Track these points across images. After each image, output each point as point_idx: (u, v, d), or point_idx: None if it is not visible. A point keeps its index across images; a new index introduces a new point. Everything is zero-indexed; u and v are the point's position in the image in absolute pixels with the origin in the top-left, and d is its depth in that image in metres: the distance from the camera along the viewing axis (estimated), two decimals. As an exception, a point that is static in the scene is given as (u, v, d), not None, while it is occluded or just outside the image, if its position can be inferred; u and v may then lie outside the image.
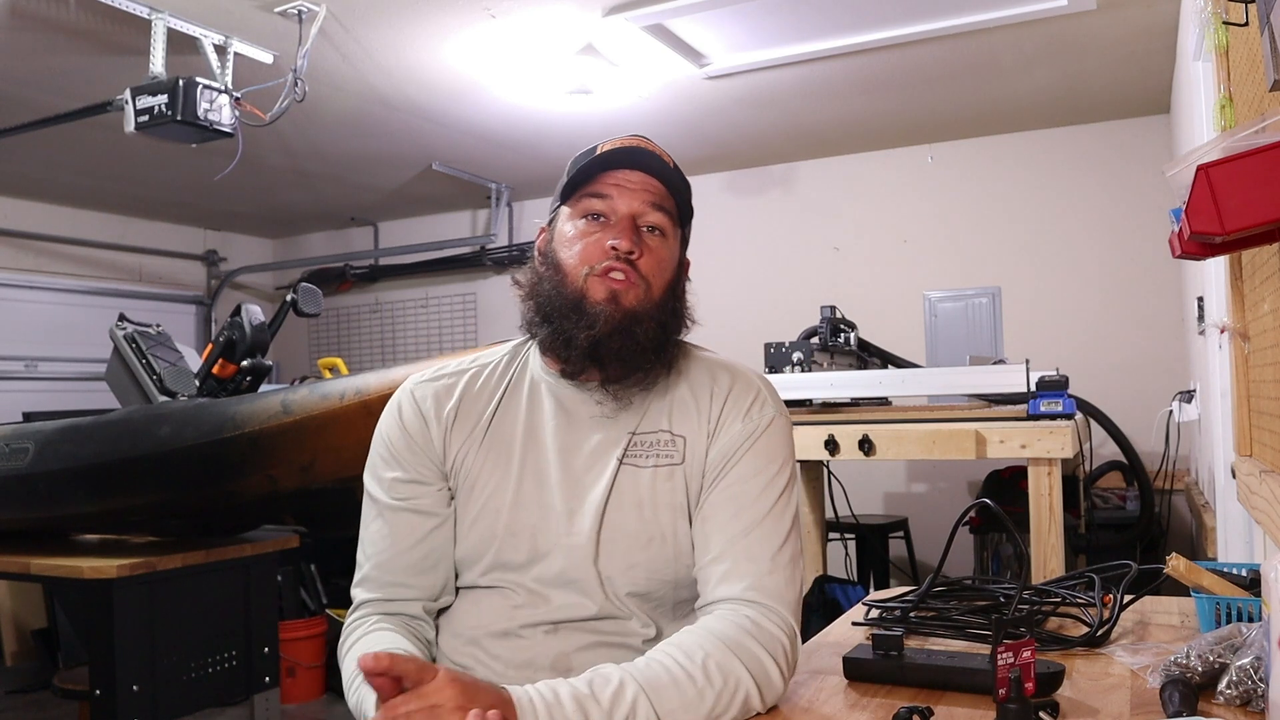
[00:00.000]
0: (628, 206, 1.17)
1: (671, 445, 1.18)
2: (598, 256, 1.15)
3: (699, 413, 1.19)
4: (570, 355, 1.16)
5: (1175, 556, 1.23)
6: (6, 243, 5.45)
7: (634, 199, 1.17)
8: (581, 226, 1.18)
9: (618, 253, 1.14)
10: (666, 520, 1.15)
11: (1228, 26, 1.63)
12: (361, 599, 1.20)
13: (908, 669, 1.09)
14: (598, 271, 1.15)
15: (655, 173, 1.19)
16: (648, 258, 1.17)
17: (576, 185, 1.19)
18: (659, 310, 1.17)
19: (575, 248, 1.17)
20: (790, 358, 3.39)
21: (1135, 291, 4.55)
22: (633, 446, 1.17)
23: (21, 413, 4.86)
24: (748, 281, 5.38)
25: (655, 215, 1.18)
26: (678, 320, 1.22)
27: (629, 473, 1.16)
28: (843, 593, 3.61)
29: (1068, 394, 2.87)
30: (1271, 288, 1.45)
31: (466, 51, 3.53)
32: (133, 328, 2.85)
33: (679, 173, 1.21)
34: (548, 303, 1.18)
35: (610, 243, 1.15)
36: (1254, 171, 0.97)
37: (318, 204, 6.00)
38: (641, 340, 1.15)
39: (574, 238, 1.18)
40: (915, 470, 4.98)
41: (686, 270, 1.28)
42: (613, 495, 1.15)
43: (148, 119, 3.09)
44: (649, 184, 1.18)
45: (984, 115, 4.55)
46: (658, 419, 1.19)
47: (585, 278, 1.15)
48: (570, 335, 1.15)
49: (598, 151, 1.19)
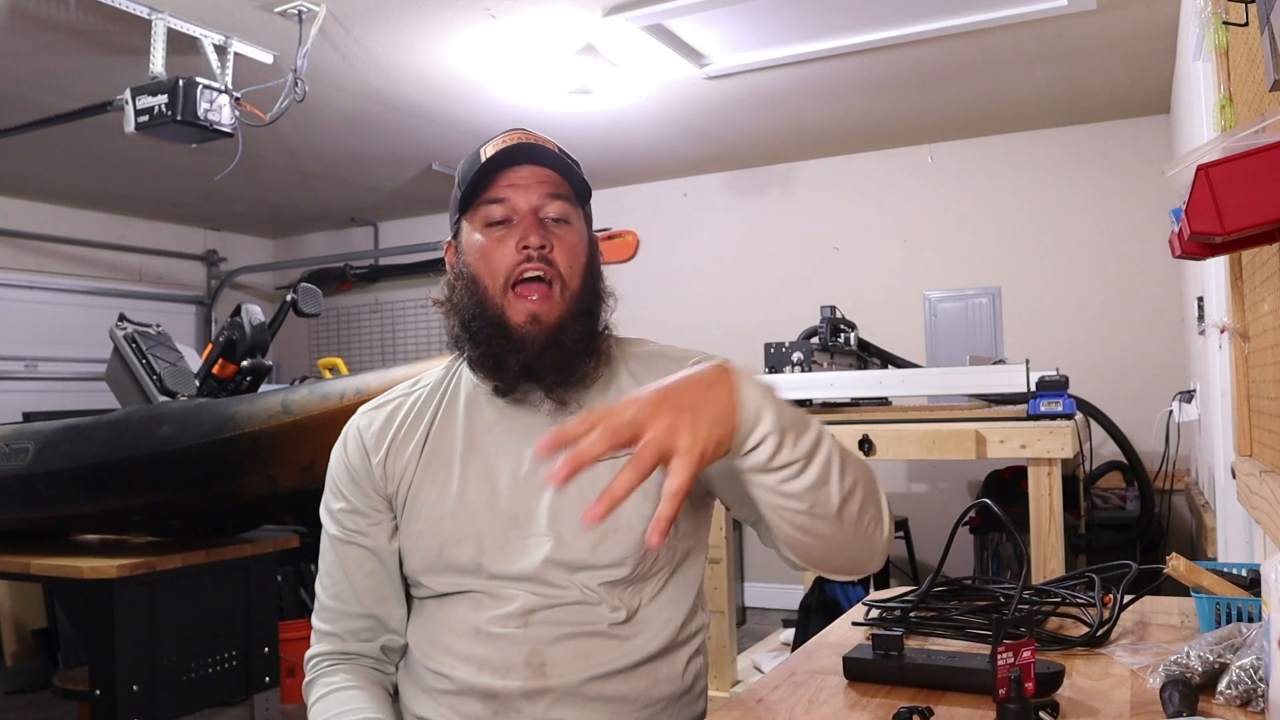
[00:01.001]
0: (527, 203, 1.15)
1: None
2: (511, 261, 1.13)
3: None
4: (504, 376, 1.16)
5: (1175, 556, 1.23)
6: (6, 243, 5.45)
7: (530, 194, 1.16)
8: (487, 235, 1.16)
9: (530, 251, 1.13)
10: (629, 506, 1.08)
11: (1228, 26, 1.63)
12: (319, 643, 1.23)
13: (908, 669, 1.09)
14: (514, 281, 1.13)
15: (544, 162, 1.17)
16: (560, 249, 1.15)
17: (470, 195, 1.17)
18: (581, 300, 1.16)
19: (487, 259, 1.15)
20: (790, 358, 3.39)
21: (1135, 291, 4.55)
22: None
23: (21, 413, 4.85)
24: (748, 281, 5.38)
25: (555, 205, 1.16)
26: (600, 301, 1.20)
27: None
28: (842, 593, 3.61)
29: (1068, 394, 2.87)
30: (1271, 288, 1.45)
31: (466, 51, 3.53)
32: (133, 328, 2.85)
33: (566, 154, 1.20)
34: (472, 321, 1.16)
35: (522, 244, 1.13)
36: (1254, 171, 0.97)
37: (318, 204, 6.00)
38: (571, 345, 1.14)
39: (482, 248, 1.16)
40: (915, 470, 4.98)
41: (597, 247, 1.25)
42: (565, 492, 1.12)
43: (148, 119, 3.09)
44: (541, 175, 1.17)
45: (984, 115, 4.55)
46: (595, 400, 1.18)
47: (504, 293, 1.14)
48: (499, 359, 1.14)
49: (482, 157, 1.17)
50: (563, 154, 1.20)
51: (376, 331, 6.63)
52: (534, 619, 1.13)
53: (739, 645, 3.53)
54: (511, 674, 1.13)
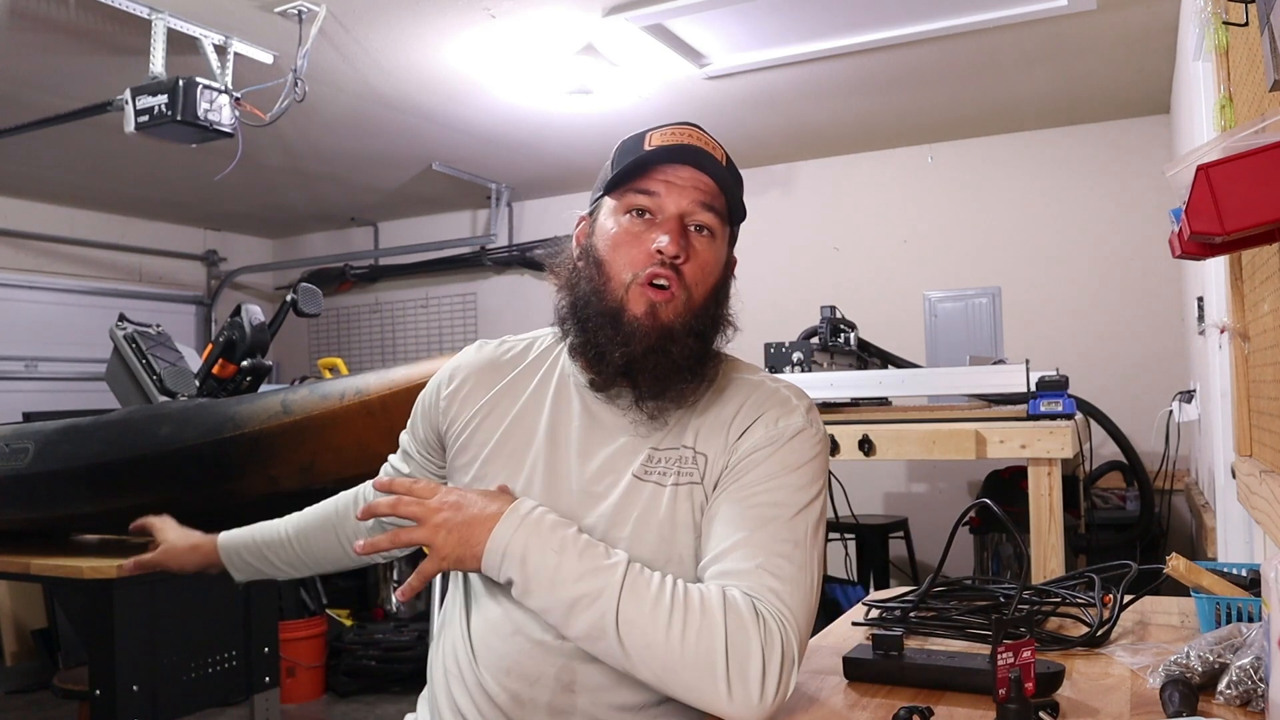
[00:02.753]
0: (676, 205, 1.11)
1: (693, 463, 1.12)
2: (642, 261, 1.10)
3: (726, 429, 1.13)
4: (603, 369, 1.12)
5: (1175, 556, 1.23)
6: (6, 243, 5.45)
7: (683, 197, 1.11)
8: (626, 224, 1.12)
9: (663, 256, 1.09)
10: (681, 540, 1.10)
11: (1228, 26, 1.63)
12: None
13: (908, 669, 1.09)
14: (641, 279, 1.10)
15: (708, 170, 1.12)
16: (693, 263, 1.11)
17: (623, 178, 1.13)
18: (698, 320, 1.12)
19: (619, 248, 1.12)
20: (790, 358, 3.39)
21: (1135, 291, 4.55)
22: (651, 462, 1.13)
23: (21, 413, 4.85)
24: (748, 281, 5.34)
25: (704, 215, 1.12)
26: (718, 328, 1.16)
27: (643, 489, 1.12)
28: (843, 593, 3.61)
29: (1068, 394, 2.87)
30: (1271, 288, 1.45)
31: (466, 51, 3.53)
32: (133, 328, 2.85)
33: (732, 169, 1.15)
34: (584, 305, 1.13)
35: (655, 245, 1.09)
36: (1254, 171, 0.97)
37: (318, 204, 6.00)
38: (677, 359, 1.10)
39: (617, 236, 1.12)
40: (915, 470, 4.98)
41: (733, 269, 1.21)
42: (619, 511, 1.11)
43: (148, 119, 3.09)
44: (699, 181, 1.12)
45: (984, 115, 4.55)
46: (682, 435, 1.14)
47: (627, 286, 1.10)
48: (603, 350, 1.11)
49: (648, 143, 1.12)
50: (730, 166, 1.15)
51: (376, 331, 6.63)
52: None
53: (739, 645, 3.53)
54: (539, 685, 1.10)
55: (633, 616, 0.97)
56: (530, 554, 1.02)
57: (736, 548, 1.04)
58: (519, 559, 1.03)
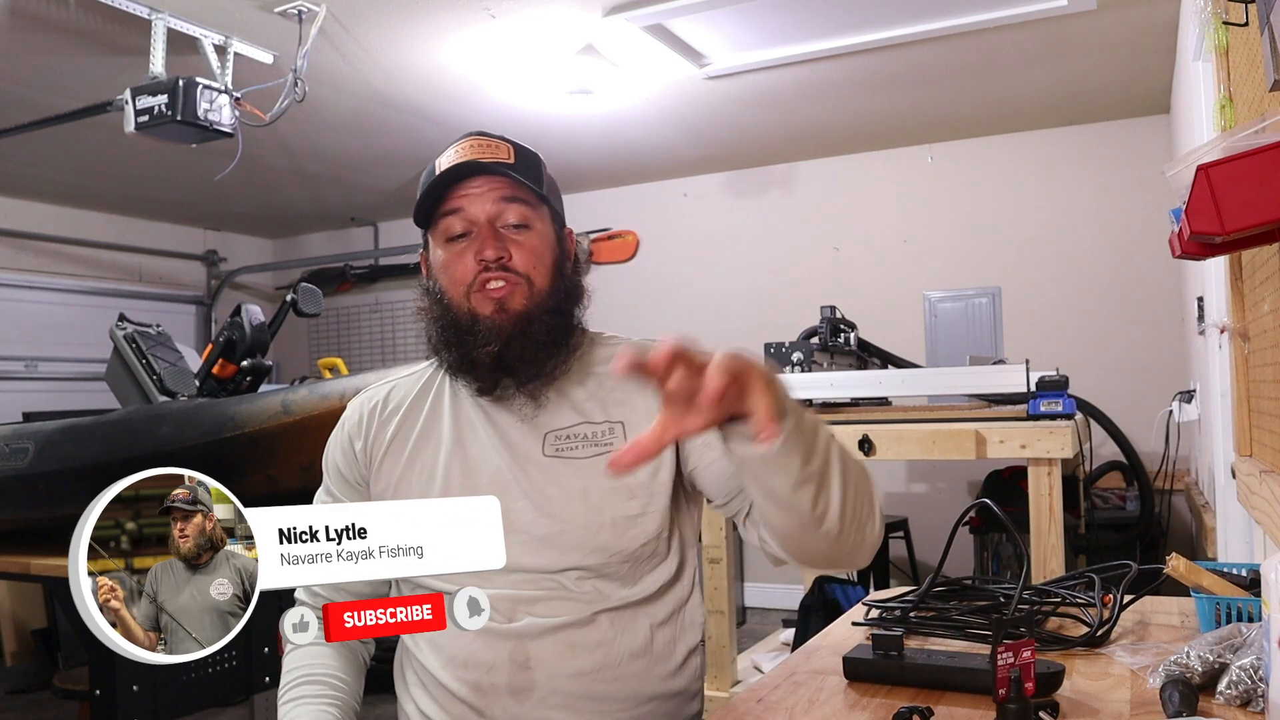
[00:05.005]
0: (483, 213, 1.16)
1: (610, 434, 1.17)
2: (471, 274, 1.15)
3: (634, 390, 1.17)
4: (478, 373, 1.17)
5: (1175, 556, 1.23)
6: (6, 243, 5.45)
7: (485, 204, 1.16)
8: (448, 248, 1.18)
9: (487, 263, 1.15)
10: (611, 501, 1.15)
11: (1228, 26, 1.63)
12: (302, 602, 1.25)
13: (908, 669, 1.09)
14: (476, 287, 1.15)
15: (497, 171, 1.17)
16: (519, 254, 1.16)
17: (428, 210, 1.19)
18: (550, 298, 1.18)
19: (449, 271, 1.17)
20: (790, 358, 3.39)
21: (1135, 291, 4.55)
22: (556, 439, 1.18)
23: (21, 413, 4.85)
24: (748, 282, 5.38)
25: (512, 210, 1.17)
26: (572, 299, 1.21)
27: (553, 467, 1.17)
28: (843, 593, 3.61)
29: (1068, 394, 2.87)
30: (1271, 288, 1.45)
31: (466, 52, 3.52)
32: (133, 328, 2.85)
33: (522, 156, 1.19)
34: (444, 327, 1.18)
35: (479, 257, 1.15)
36: (1254, 171, 0.97)
37: (318, 204, 6.00)
38: (539, 337, 1.16)
39: (445, 261, 1.18)
40: (915, 470, 4.98)
41: (571, 241, 1.26)
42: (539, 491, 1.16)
43: (148, 119, 3.09)
44: (494, 183, 1.17)
45: (984, 115, 4.55)
46: (574, 409, 1.19)
47: (467, 296, 1.16)
48: (472, 357, 1.16)
49: (437, 170, 1.18)
50: (518, 156, 1.19)
51: (376, 331, 6.63)
52: (517, 614, 1.14)
53: (739, 645, 3.53)
54: (496, 670, 1.14)
55: (843, 454, 0.99)
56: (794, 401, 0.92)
57: None
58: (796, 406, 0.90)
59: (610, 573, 1.16)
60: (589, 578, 1.15)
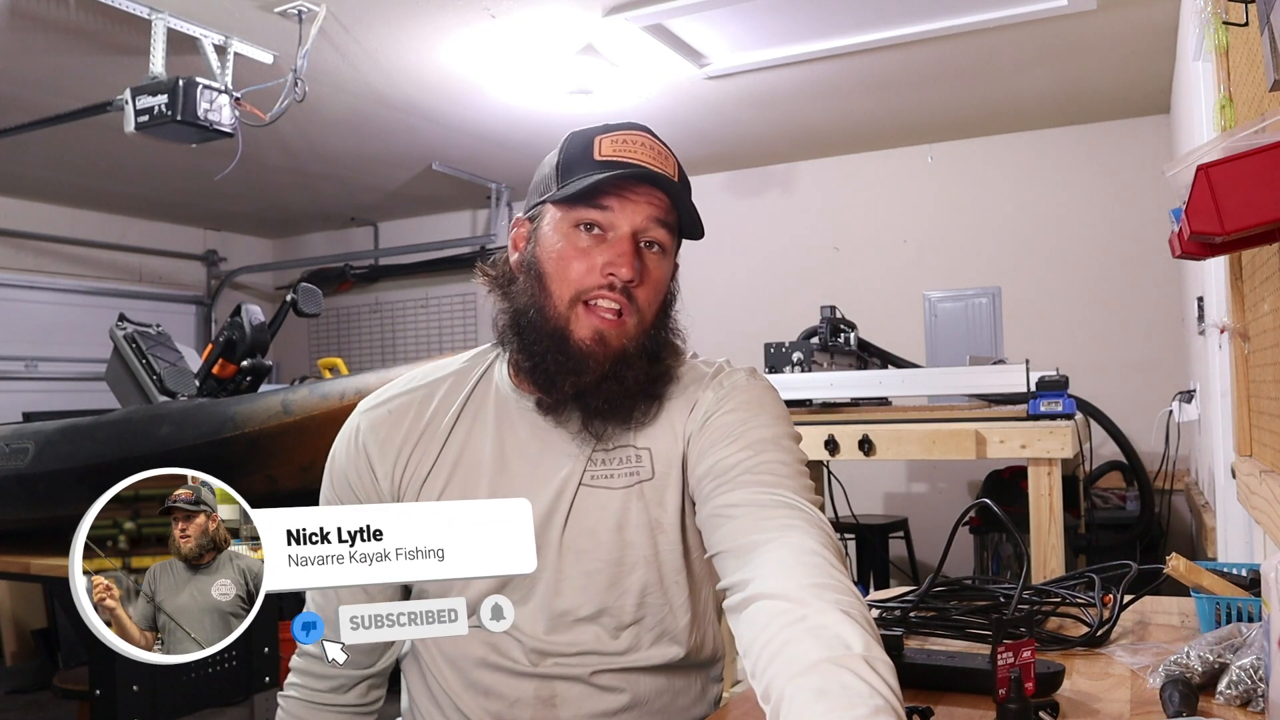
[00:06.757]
0: (630, 222, 1.04)
1: (636, 460, 1.09)
2: (592, 282, 1.03)
3: (670, 419, 1.10)
4: (553, 393, 1.06)
5: (1175, 556, 1.23)
6: (6, 243, 5.45)
7: (637, 214, 1.05)
8: (574, 239, 1.05)
9: (616, 280, 1.03)
10: (640, 542, 1.07)
11: (1228, 26, 1.63)
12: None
13: (908, 669, 1.09)
14: (587, 297, 1.04)
15: (661, 185, 1.06)
16: (646, 284, 1.06)
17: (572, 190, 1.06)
18: (651, 341, 1.07)
19: (565, 263, 1.04)
20: (790, 358, 3.39)
21: (1135, 291, 4.55)
22: (595, 465, 1.08)
23: (21, 413, 4.85)
24: (748, 281, 5.38)
25: (658, 231, 1.06)
26: (668, 346, 1.12)
27: (592, 496, 1.08)
28: (843, 593, 3.61)
29: (1068, 394, 2.87)
30: (1271, 288, 1.45)
31: (466, 51, 3.52)
32: (133, 328, 2.85)
33: (683, 179, 1.11)
34: (527, 324, 1.06)
35: (609, 270, 1.03)
36: (1254, 171, 0.97)
37: (318, 204, 5.99)
38: (631, 385, 1.05)
39: (564, 251, 1.05)
40: (915, 470, 4.98)
41: (676, 274, 1.16)
42: (576, 530, 1.07)
43: (148, 119, 3.09)
44: (654, 196, 1.06)
45: (984, 115, 4.55)
46: (625, 434, 1.09)
47: (571, 304, 1.04)
48: (553, 377, 1.04)
49: (597, 149, 1.05)
50: (682, 177, 1.10)
51: (376, 331, 6.63)
52: (546, 658, 1.08)
53: (739, 645, 3.53)
54: (520, 705, 1.09)
55: None
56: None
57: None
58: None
59: (634, 618, 1.09)
60: (614, 623, 1.09)
